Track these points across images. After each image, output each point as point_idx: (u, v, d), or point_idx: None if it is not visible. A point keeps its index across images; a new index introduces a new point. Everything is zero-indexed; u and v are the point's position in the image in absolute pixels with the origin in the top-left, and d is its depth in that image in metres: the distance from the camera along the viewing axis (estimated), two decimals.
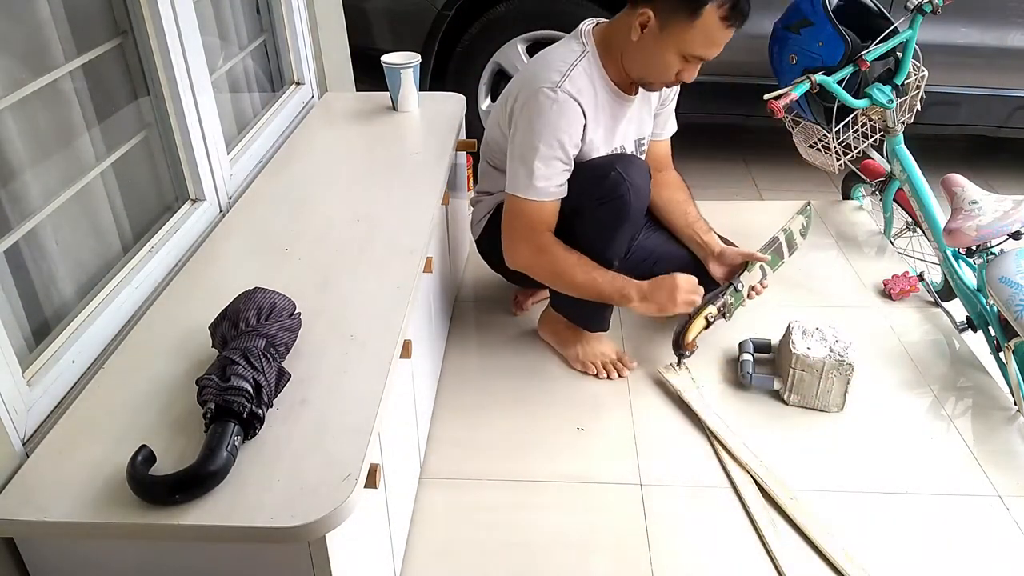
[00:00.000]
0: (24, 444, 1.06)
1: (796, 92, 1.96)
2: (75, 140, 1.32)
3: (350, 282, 1.41)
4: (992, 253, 1.84)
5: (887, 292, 2.19)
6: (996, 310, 1.79)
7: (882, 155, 2.37)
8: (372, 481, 1.07)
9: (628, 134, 1.79)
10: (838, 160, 2.35)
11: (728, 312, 1.81)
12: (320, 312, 1.31)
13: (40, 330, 1.20)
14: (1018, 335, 1.68)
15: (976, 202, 1.84)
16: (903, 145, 2.24)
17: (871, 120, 2.30)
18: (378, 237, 1.54)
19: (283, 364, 1.15)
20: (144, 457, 0.99)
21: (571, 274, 1.68)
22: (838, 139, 2.29)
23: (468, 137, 2.19)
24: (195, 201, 1.61)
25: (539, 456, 1.67)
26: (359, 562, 1.13)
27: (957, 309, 2.07)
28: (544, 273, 1.73)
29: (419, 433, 1.59)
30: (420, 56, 2.13)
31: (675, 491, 1.59)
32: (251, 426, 1.04)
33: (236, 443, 1.00)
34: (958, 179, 1.93)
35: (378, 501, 1.23)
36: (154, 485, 0.97)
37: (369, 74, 2.35)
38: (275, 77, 2.19)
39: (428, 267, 1.55)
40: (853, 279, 2.27)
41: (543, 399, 1.82)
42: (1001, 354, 1.81)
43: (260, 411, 1.05)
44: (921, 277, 2.18)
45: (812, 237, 2.37)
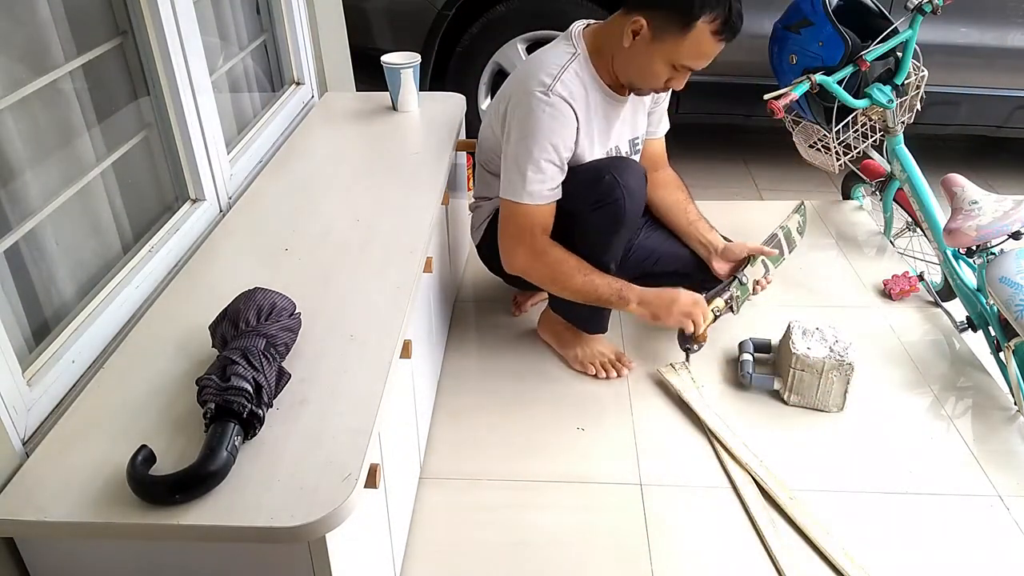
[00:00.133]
0: (24, 444, 1.06)
1: (796, 92, 1.96)
2: (75, 140, 1.32)
3: (350, 282, 1.41)
4: (992, 253, 1.84)
5: (887, 292, 2.19)
6: (996, 310, 1.79)
7: (882, 155, 2.37)
8: (372, 481, 1.07)
9: (622, 135, 1.79)
10: (838, 160, 2.35)
11: (735, 305, 1.82)
12: (320, 312, 1.30)
13: (40, 330, 1.20)
14: (1018, 335, 1.68)
15: (976, 202, 1.84)
16: (903, 145, 2.24)
17: (871, 120, 2.30)
18: (378, 237, 1.54)
19: (283, 364, 1.15)
20: (144, 457, 0.99)
21: (569, 277, 1.68)
22: (838, 139, 2.29)
23: (468, 137, 2.19)
24: (195, 201, 1.61)
25: (539, 456, 1.67)
26: (359, 562, 1.13)
27: (957, 309, 2.07)
28: (541, 277, 1.72)
29: (419, 433, 1.59)
30: (420, 56, 2.13)
31: (675, 491, 1.59)
32: (251, 426, 1.04)
33: (236, 443, 1.00)
34: (958, 179, 1.93)
35: (378, 501, 1.23)
36: (154, 485, 0.97)
37: (369, 74, 2.35)
38: (275, 77, 2.19)
39: (428, 267, 1.55)
40: (853, 279, 2.27)
41: (543, 399, 1.82)
42: (1001, 354, 1.81)
43: (260, 411, 1.05)
44: (921, 277, 2.18)
45: (812, 237, 2.37)
